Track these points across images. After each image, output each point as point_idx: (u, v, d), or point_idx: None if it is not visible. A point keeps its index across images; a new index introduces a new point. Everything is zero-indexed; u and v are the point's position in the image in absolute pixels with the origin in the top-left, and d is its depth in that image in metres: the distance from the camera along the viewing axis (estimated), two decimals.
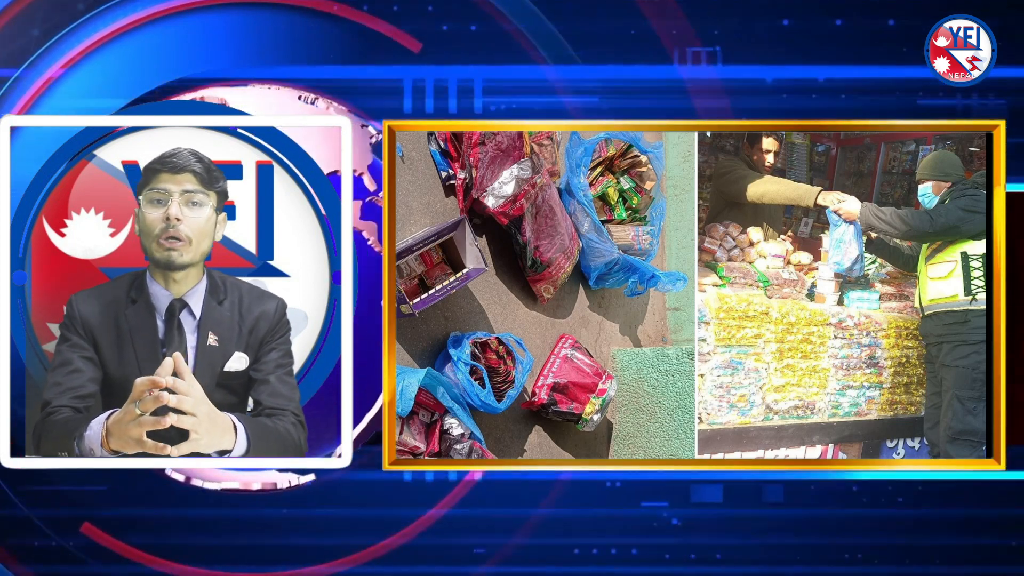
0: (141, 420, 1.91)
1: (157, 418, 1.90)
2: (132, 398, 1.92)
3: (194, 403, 1.93)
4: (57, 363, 2.03)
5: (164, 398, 1.89)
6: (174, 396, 1.90)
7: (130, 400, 1.92)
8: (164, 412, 1.91)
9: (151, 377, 1.92)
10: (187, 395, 1.92)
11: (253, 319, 2.09)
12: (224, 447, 1.99)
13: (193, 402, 1.93)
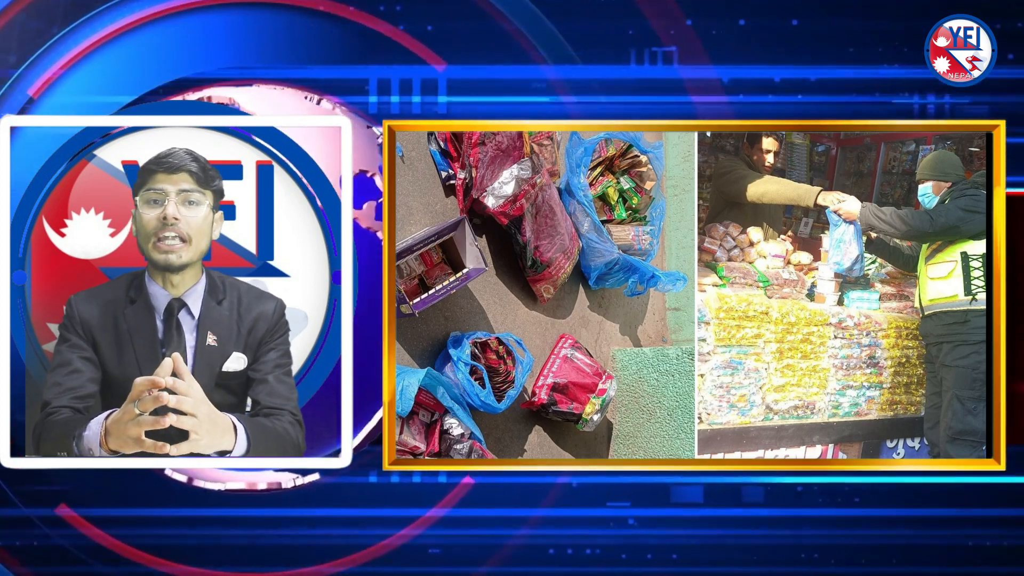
0: (140, 420, 1.91)
1: (156, 418, 1.90)
2: (131, 398, 1.92)
3: (194, 404, 1.93)
4: (56, 363, 2.03)
5: (164, 398, 1.90)
6: (174, 397, 1.90)
7: (129, 400, 1.92)
8: (163, 412, 1.91)
9: (150, 377, 1.92)
10: (187, 395, 1.92)
11: (252, 319, 2.09)
12: (224, 447, 1.99)
13: (193, 403, 1.93)
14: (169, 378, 1.91)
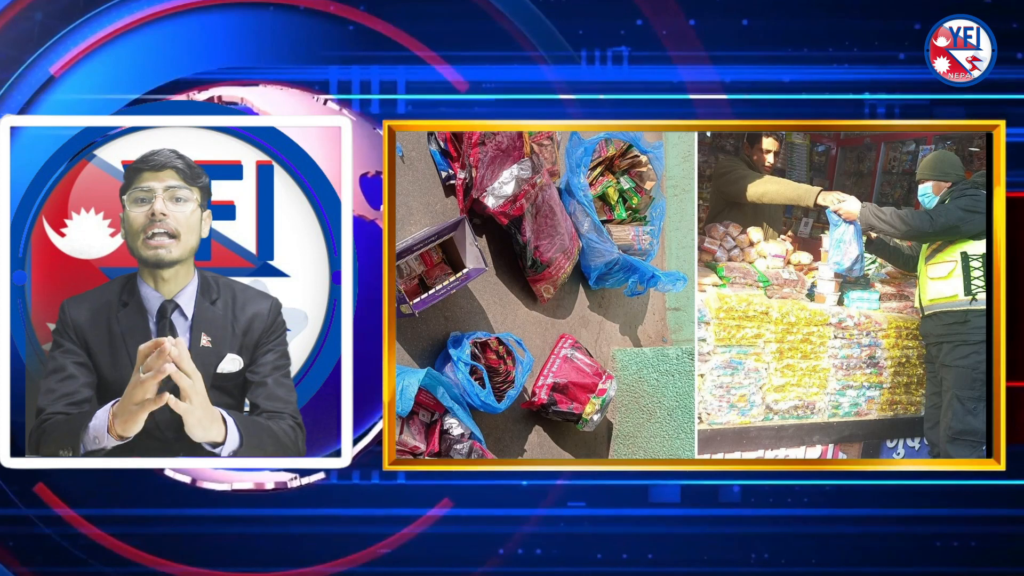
0: (144, 382, 1.91)
1: (158, 372, 1.90)
2: (136, 366, 1.92)
3: (191, 384, 1.93)
4: (50, 369, 2.02)
5: (167, 351, 1.89)
6: (172, 366, 1.90)
7: (135, 370, 1.92)
8: (165, 386, 1.91)
9: (153, 341, 1.92)
10: (188, 374, 1.92)
11: (247, 319, 2.08)
12: (214, 438, 1.98)
13: (191, 383, 1.93)
14: (173, 348, 1.91)
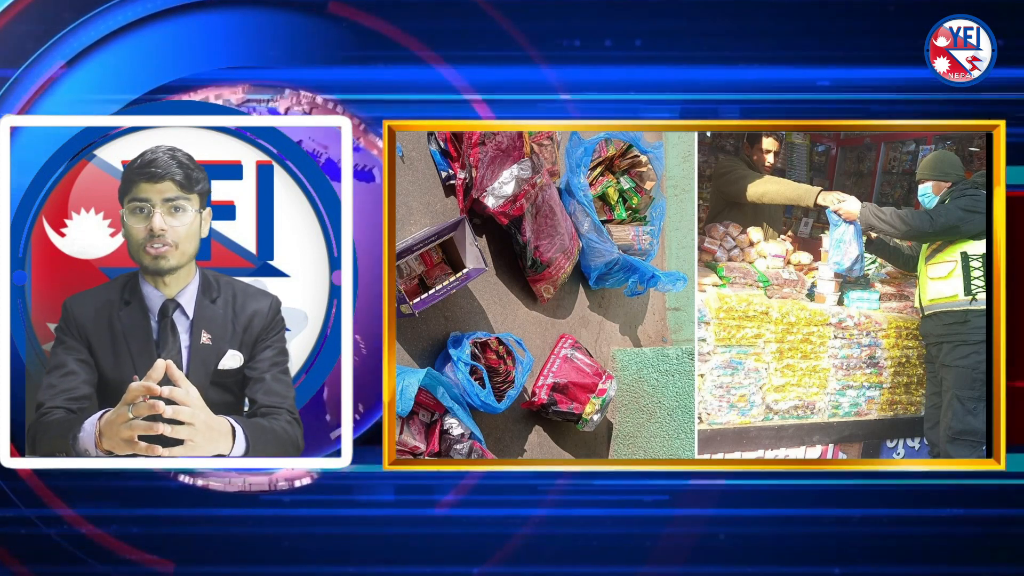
0: (132, 423, 1.90)
1: (149, 423, 1.90)
2: (125, 400, 1.91)
3: (191, 413, 1.93)
4: (52, 365, 2.03)
5: (159, 407, 1.89)
6: (170, 407, 1.90)
7: (123, 403, 1.92)
8: (156, 419, 1.90)
9: (146, 383, 1.91)
10: (184, 403, 1.91)
11: (247, 317, 2.09)
12: (221, 451, 1.99)
13: (190, 412, 1.92)
14: (166, 387, 1.90)
